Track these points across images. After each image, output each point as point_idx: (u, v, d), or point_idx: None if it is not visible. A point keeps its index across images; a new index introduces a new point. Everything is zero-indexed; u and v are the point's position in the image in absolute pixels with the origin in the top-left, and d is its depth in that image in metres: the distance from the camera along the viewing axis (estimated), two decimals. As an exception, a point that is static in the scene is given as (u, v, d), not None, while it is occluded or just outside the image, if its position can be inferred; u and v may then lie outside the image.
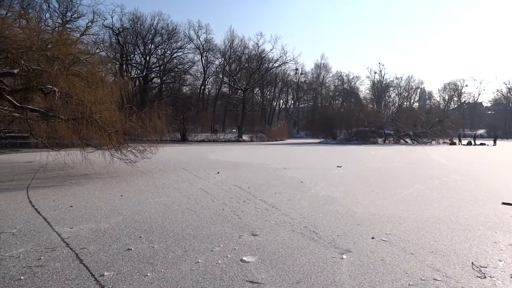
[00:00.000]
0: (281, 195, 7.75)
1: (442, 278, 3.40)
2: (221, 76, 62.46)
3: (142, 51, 53.41)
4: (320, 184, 9.29)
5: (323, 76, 79.63)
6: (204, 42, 58.23)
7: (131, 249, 4.13)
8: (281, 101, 79.41)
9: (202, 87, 61.10)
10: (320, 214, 6.00)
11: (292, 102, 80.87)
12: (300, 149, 27.58)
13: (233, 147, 29.50)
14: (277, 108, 78.56)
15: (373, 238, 4.66)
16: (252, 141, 44.00)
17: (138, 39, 52.35)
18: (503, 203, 7.02)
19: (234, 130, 56.77)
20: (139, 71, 52.77)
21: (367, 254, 4.04)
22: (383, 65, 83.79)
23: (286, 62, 59.08)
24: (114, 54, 46.46)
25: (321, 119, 50.29)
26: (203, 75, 59.80)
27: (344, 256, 3.95)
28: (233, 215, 5.87)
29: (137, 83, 49.74)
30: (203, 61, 59.33)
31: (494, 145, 39.32)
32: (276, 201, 7.03)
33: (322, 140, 44.75)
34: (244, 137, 46.45)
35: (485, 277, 3.43)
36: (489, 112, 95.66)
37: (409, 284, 3.25)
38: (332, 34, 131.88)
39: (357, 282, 3.29)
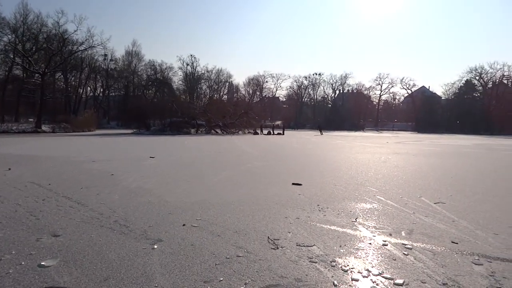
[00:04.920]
0: (89, 189, 7.20)
1: (244, 254, 3.79)
2: (12, 56, 53.11)
3: None
4: (132, 176, 9.04)
5: (135, 64, 76.91)
6: (-14, 13, 48.41)
7: None
8: (89, 88, 73.21)
9: (-14, 67, 50.96)
10: (132, 206, 5.85)
11: (102, 90, 75.46)
12: (111, 140, 26.12)
13: (30, 139, 25.72)
14: (84, 96, 72.04)
15: (184, 225, 4.82)
16: (55, 132, 39.22)
17: None
18: (293, 184, 8.26)
19: (31, 119, 49.32)
20: None
21: (178, 241, 4.16)
22: (195, 57, 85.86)
23: (94, 46, 54.13)
24: None
25: (133, 109, 48.34)
26: (-15, 52, 49.80)
27: (156, 246, 3.97)
28: (29, 216, 5.15)
29: None
30: (-15, 36, 49.36)
31: (283, 134, 46.26)
32: (82, 197, 6.49)
33: (135, 130, 43.25)
34: (44, 127, 40.92)
35: (277, 248, 3.99)
36: (284, 106, 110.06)
37: (215, 264, 3.50)
38: (144, 21, 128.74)
39: (168, 269, 3.36)
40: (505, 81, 79.48)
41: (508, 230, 4.87)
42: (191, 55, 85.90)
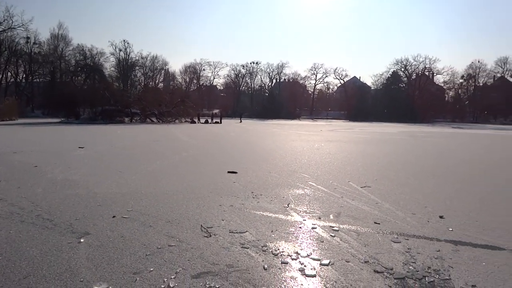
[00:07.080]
0: (8, 183, 6.67)
1: (176, 243, 3.76)
2: None
3: None
4: (59, 168, 8.51)
5: (62, 49, 71.76)
6: None
7: None
8: (9, 73, 67.21)
9: None
10: (57, 199, 5.52)
11: (24, 75, 69.62)
12: (36, 130, 24.34)
13: None
14: (3, 82, 66.11)
15: (114, 216, 4.66)
16: (-31, 122, 35.70)
17: None
18: (228, 172, 8.29)
19: None
20: None
21: (107, 234, 4.01)
22: (128, 43, 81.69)
23: (14, 28, 50.05)
24: None
25: (61, 97, 45.14)
26: None
27: (82, 240, 3.80)
28: None
29: None
30: None
31: (220, 123, 46.00)
32: (1, 191, 6.00)
33: (63, 119, 40.62)
34: (-43, 116, 37.04)
35: (210, 236, 4.00)
36: (222, 94, 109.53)
37: (146, 255, 3.43)
38: (71, 2, 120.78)
39: (95, 263, 3.23)
40: (427, 73, 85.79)
41: (424, 210, 5.31)
42: (124, 40, 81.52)
